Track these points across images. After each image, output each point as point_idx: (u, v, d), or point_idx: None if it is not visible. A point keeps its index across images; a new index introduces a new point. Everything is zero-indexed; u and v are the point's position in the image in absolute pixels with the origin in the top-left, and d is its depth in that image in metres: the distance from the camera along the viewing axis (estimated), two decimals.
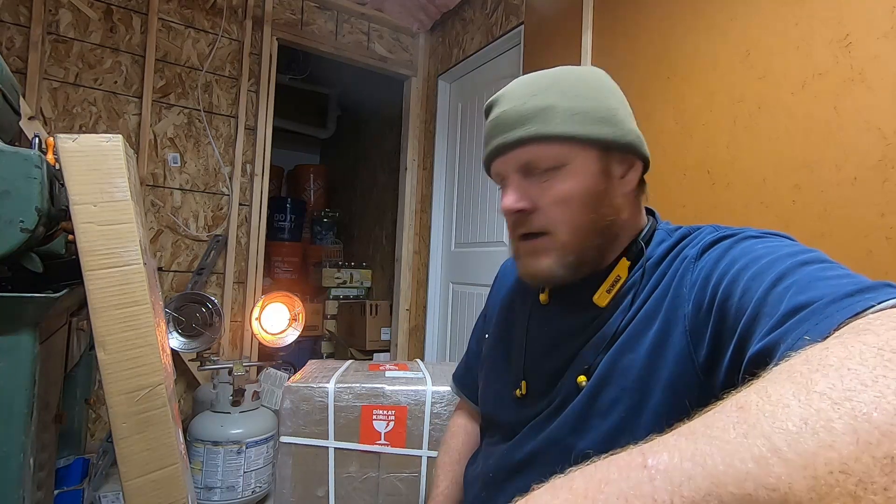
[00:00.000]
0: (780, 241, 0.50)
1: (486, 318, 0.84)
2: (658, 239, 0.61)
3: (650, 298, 0.56)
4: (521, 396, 0.66)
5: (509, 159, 0.60)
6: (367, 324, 2.94)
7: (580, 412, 0.57)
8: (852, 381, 0.23)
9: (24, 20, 1.89)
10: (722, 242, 0.53)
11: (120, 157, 0.76)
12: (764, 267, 0.44)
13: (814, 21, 1.14)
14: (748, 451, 0.22)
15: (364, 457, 0.90)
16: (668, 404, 0.51)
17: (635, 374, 0.54)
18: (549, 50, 1.89)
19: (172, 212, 2.21)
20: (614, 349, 0.56)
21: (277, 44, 2.44)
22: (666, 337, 0.53)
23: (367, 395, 0.91)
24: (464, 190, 2.54)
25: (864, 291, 0.35)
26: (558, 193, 0.58)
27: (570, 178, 0.58)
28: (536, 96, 0.59)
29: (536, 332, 0.68)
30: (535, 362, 0.66)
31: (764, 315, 0.40)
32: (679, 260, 0.56)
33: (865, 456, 0.20)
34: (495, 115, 0.62)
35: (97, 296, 0.71)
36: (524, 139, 0.58)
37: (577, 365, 0.60)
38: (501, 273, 0.85)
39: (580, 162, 0.58)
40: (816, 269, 0.42)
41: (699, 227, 0.60)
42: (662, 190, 1.43)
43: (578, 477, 0.26)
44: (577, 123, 0.58)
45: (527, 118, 0.58)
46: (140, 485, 0.71)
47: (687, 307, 0.52)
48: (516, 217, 0.60)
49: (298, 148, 4.56)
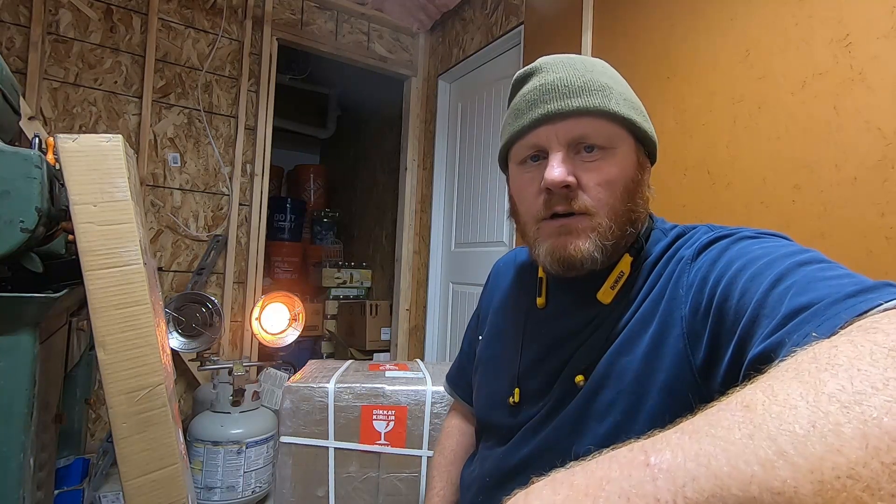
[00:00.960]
0: (776, 242, 0.49)
1: (479, 318, 0.83)
2: (655, 238, 0.61)
3: (647, 300, 0.56)
4: (514, 404, 0.65)
5: (562, 128, 0.55)
6: (367, 324, 2.94)
7: (576, 415, 0.56)
8: (862, 383, 0.23)
9: (24, 20, 1.89)
10: (718, 243, 0.53)
11: (120, 157, 0.76)
12: (762, 268, 0.44)
13: (814, 21, 1.14)
14: (753, 453, 0.22)
15: (364, 457, 0.90)
16: (664, 407, 0.50)
17: (632, 377, 0.53)
18: (549, 50, 1.89)
19: (172, 212, 2.21)
20: (612, 350, 0.56)
21: (277, 44, 2.44)
22: (663, 339, 0.52)
23: (367, 395, 0.91)
24: (464, 190, 2.54)
25: (866, 291, 0.35)
26: (607, 175, 0.55)
27: (618, 162, 0.56)
28: (592, 73, 0.57)
29: (533, 337, 0.67)
30: (531, 367, 0.65)
31: (764, 317, 0.40)
32: (675, 261, 0.55)
33: (874, 462, 0.20)
34: (545, 80, 0.57)
35: (97, 296, 0.71)
36: (588, 109, 0.55)
37: (576, 363, 0.59)
38: (494, 273, 0.83)
39: (626, 148, 0.57)
40: (815, 269, 0.41)
41: (695, 227, 0.60)
42: (662, 190, 1.43)
43: (579, 472, 0.26)
44: (631, 109, 0.57)
45: (588, 90, 0.55)
46: (140, 485, 0.71)
47: (684, 309, 0.51)
48: (560, 193, 0.55)
49: (298, 148, 4.56)
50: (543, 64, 0.60)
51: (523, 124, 0.58)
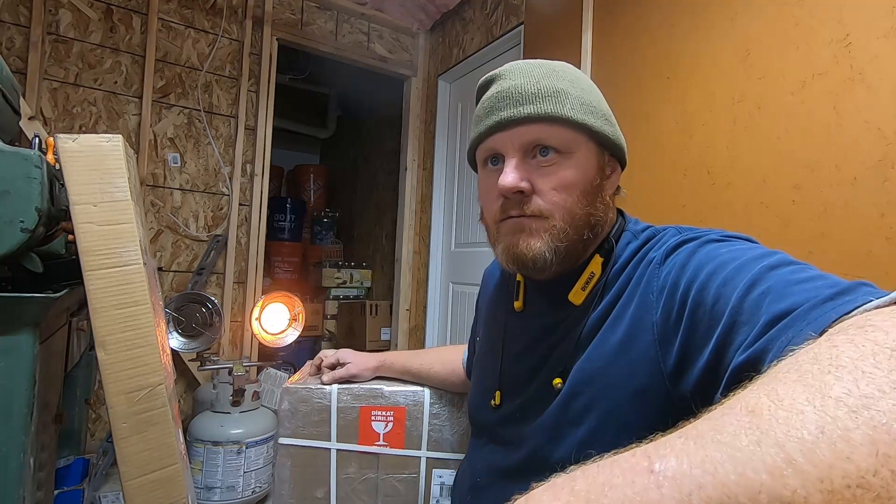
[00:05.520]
0: (742, 245, 0.49)
1: (476, 322, 0.86)
2: (625, 239, 0.61)
3: (617, 303, 0.56)
4: (495, 406, 0.66)
5: (515, 135, 0.57)
6: (367, 324, 2.94)
7: (553, 421, 0.57)
8: (868, 386, 0.22)
9: (24, 20, 1.89)
10: (685, 246, 0.52)
11: (120, 157, 0.76)
12: (732, 273, 0.44)
13: (814, 21, 1.14)
14: (761, 460, 0.21)
15: (363, 458, 0.90)
16: (635, 413, 0.51)
17: (603, 383, 0.53)
18: (549, 50, 1.89)
19: (172, 212, 2.21)
20: (585, 354, 0.56)
21: (277, 44, 2.43)
22: (633, 344, 0.52)
23: (365, 395, 0.91)
24: (464, 190, 2.54)
25: (844, 294, 0.35)
26: (562, 179, 0.56)
27: (574, 166, 0.57)
28: (549, 78, 0.58)
29: (512, 340, 0.68)
30: (509, 369, 0.66)
31: (742, 323, 0.40)
32: (644, 264, 0.55)
33: (884, 469, 0.19)
34: (501, 88, 0.58)
35: (97, 296, 0.71)
36: (539, 116, 0.55)
37: (551, 366, 0.60)
38: (484, 278, 0.85)
39: (584, 152, 0.58)
40: (787, 272, 0.41)
41: (664, 229, 0.60)
42: (662, 190, 1.43)
43: (580, 477, 0.25)
44: (588, 114, 0.57)
45: (541, 96, 0.56)
46: (140, 485, 0.71)
47: (655, 315, 0.51)
48: (513, 198, 0.57)
49: (298, 148, 4.55)
50: (503, 71, 0.61)
51: (480, 131, 0.60)
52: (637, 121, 1.49)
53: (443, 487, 0.90)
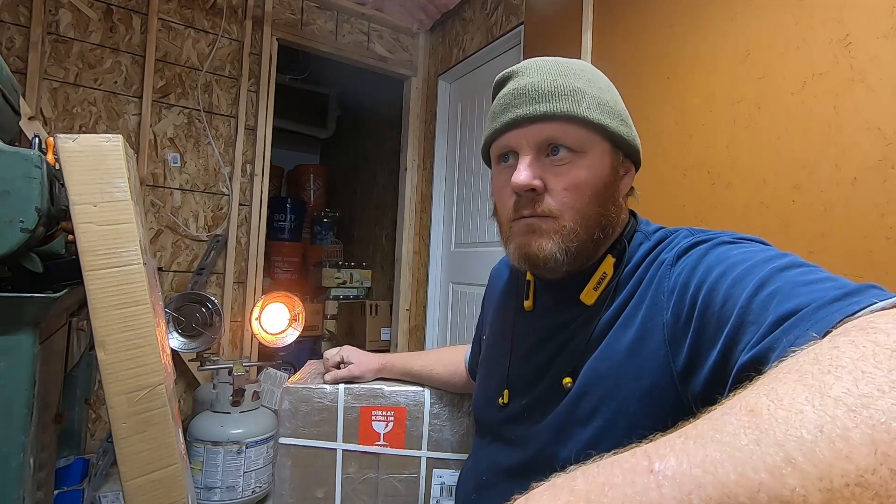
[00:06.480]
0: (754, 247, 0.49)
1: (482, 321, 0.85)
2: (637, 240, 0.61)
3: (629, 304, 0.56)
4: (503, 405, 0.66)
5: (530, 132, 0.57)
6: (367, 324, 2.94)
7: (561, 420, 0.57)
8: (868, 385, 0.22)
9: (24, 20, 1.89)
10: (697, 248, 0.53)
11: (120, 157, 0.76)
12: (742, 274, 0.44)
13: (814, 21, 1.14)
14: (761, 459, 0.21)
15: (363, 458, 0.90)
16: (644, 413, 0.51)
17: (613, 383, 0.53)
18: (549, 50, 1.89)
19: (172, 212, 2.21)
20: (596, 354, 0.56)
21: (277, 44, 2.43)
22: (643, 344, 0.52)
23: (365, 395, 0.91)
24: (464, 190, 2.54)
25: (851, 295, 0.35)
26: (574, 179, 0.56)
27: (588, 166, 0.57)
28: (566, 76, 0.58)
29: (521, 339, 0.68)
30: (518, 368, 0.66)
31: (750, 323, 0.40)
32: (656, 265, 0.56)
33: (883, 468, 0.19)
34: (518, 85, 0.58)
35: (97, 296, 0.71)
36: (555, 114, 0.55)
37: (561, 365, 0.60)
38: (491, 277, 0.85)
39: (598, 152, 0.58)
40: (797, 273, 0.41)
41: (676, 230, 0.60)
42: (662, 190, 1.43)
43: (580, 477, 0.25)
44: (604, 114, 0.57)
45: (558, 94, 0.56)
46: (140, 485, 0.71)
47: (665, 316, 0.51)
48: (526, 196, 0.57)
49: (298, 148, 4.55)
50: (520, 68, 0.61)
51: (496, 127, 0.60)
52: (637, 121, 1.47)
53: (443, 487, 0.90)
